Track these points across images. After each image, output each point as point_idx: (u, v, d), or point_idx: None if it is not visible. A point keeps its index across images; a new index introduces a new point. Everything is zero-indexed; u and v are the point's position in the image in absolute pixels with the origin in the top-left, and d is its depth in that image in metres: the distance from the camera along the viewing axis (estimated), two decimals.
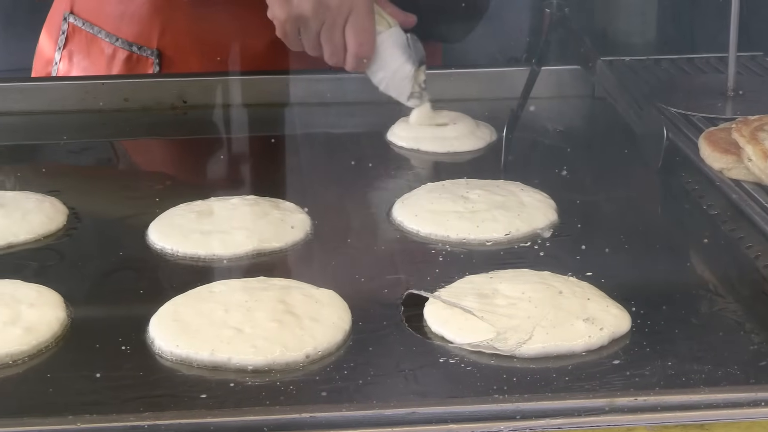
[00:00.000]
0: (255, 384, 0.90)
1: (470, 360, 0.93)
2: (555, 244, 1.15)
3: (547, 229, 1.17)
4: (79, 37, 1.64)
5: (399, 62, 1.43)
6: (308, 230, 1.19)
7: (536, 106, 1.48)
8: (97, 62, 1.63)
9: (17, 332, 0.97)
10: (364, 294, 1.05)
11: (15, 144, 1.43)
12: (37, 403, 0.89)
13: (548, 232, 1.16)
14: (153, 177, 1.39)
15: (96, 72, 1.63)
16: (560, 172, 1.32)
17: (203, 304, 1.02)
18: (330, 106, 1.58)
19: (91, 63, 1.64)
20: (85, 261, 1.15)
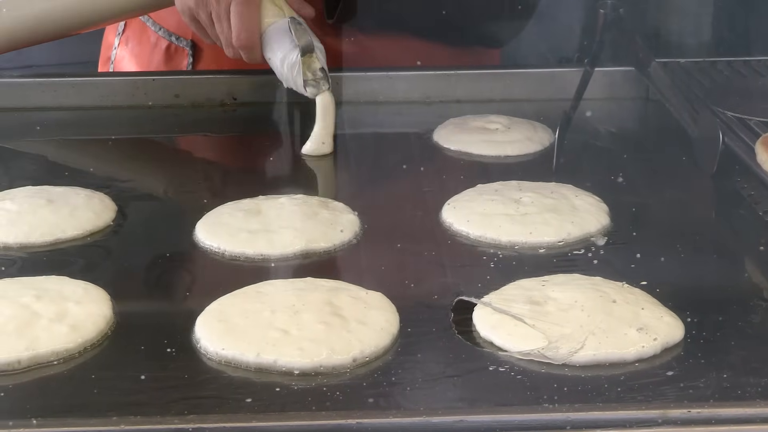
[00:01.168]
0: (301, 388, 0.89)
1: (520, 368, 0.91)
2: (608, 251, 1.13)
3: (599, 235, 1.15)
4: (134, 24, 1.66)
5: (286, 50, 1.39)
6: (357, 231, 1.17)
7: (589, 107, 1.46)
8: (144, 50, 1.64)
9: (63, 330, 0.97)
10: (412, 297, 1.04)
11: (65, 139, 1.43)
12: (82, 403, 0.88)
13: (602, 240, 1.14)
14: (201, 174, 1.38)
15: (143, 59, 1.63)
16: (614, 177, 1.30)
17: (250, 305, 1.01)
18: (379, 105, 1.57)
19: (141, 50, 1.65)
20: (131, 258, 1.15)
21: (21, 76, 1.59)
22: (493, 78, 1.61)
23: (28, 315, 0.98)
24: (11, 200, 1.22)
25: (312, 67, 1.38)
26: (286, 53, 1.38)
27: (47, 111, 1.55)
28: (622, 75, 1.57)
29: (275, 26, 1.39)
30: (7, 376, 0.92)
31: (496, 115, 1.50)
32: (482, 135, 1.43)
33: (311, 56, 1.38)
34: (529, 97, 1.59)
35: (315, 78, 1.38)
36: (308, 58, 1.38)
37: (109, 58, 1.70)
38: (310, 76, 1.38)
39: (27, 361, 0.93)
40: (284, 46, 1.38)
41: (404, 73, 1.60)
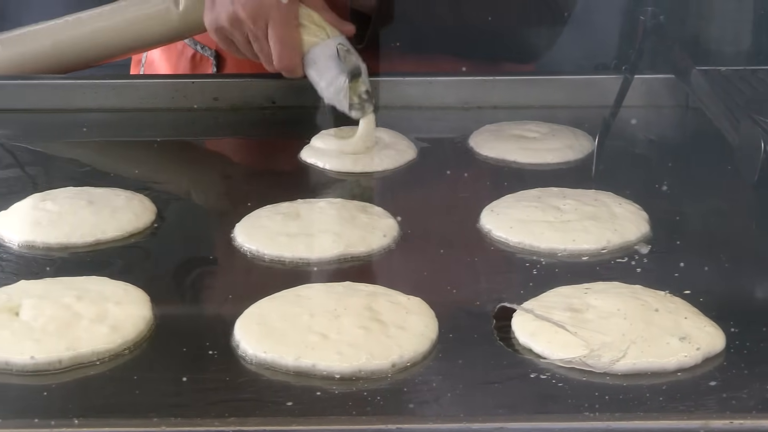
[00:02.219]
0: (342, 392, 0.89)
1: (561, 375, 0.91)
2: (651, 259, 1.12)
3: (641, 243, 1.15)
4: None
5: (332, 74, 1.40)
6: (396, 236, 1.17)
7: (628, 114, 1.46)
8: (171, 57, 1.65)
9: (104, 330, 0.97)
10: (452, 303, 1.04)
11: (106, 140, 1.44)
12: (122, 403, 0.89)
13: (645, 248, 1.14)
14: (240, 177, 1.39)
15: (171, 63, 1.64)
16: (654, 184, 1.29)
17: (289, 308, 1.01)
18: (417, 110, 1.57)
19: (168, 57, 1.66)
20: (170, 260, 1.15)
21: (62, 77, 1.60)
22: (530, 84, 1.61)
23: (69, 315, 0.99)
24: (52, 201, 1.23)
25: (358, 90, 1.40)
26: (333, 78, 1.40)
27: (88, 113, 1.55)
28: (661, 82, 1.57)
29: (321, 49, 1.40)
30: (48, 376, 0.92)
31: (534, 123, 1.49)
32: (520, 142, 1.43)
33: (358, 80, 1.39)
34: (566, 104, 1.58)
35: (360, 101, 1.39)
36: (355, 83, 1.39)
37: (140, 60, 1.71)
38: (356, 100, 1.39)
39: (68, 360, 0.94)
40: (331, 71, 1.40)
41: (442, 78, 1.60)
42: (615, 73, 1.58)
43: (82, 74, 1.61)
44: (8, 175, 1.37)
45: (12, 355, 0.93)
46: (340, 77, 1.39)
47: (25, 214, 1.20)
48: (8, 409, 0.87)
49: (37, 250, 1.15)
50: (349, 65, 1.38)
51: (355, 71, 1.38)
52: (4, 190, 1.30)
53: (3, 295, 1.03)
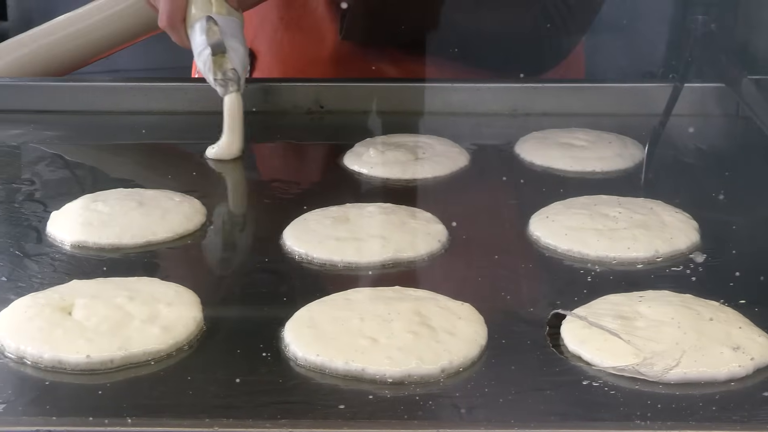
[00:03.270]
0: (393, 396, 0.89)
1: (613, 383, 0.90)
2: (705, 269, 1.11)
3: (695, 251, 1.14)
4: None
5: (200, 45, 1.41)
6: (444, 241, 1.17)
7: (678, 123, 1.45)
8: None
9: (155, 331, 0.98)
10: (501, 309, 1.04)
11: (156, 143, 1.45)
12: (173, 404, 0.89)
13: (701, 257, 1.13)
14: (289, 181, 1.39)
15: None
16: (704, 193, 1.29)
17: (338, 312, 1.01)
18: (465, 116, 1.57)
19: None
20: (220, 262, 1.16)
21: (113, 80, 1.62)
22: (578, 92, 1.61)
23: (121, 315, 0.99)
24: (103, 202, 1.24)
25: (223, 67, 1.40)
26: (201, 49, 1.41)
27: (138, 115, 1.57)
28: (711, 91, 1.56)
29: (198, 21, 1.42)
30: (100, 375, 0.93)
31: (581, 130, 1.49)
32: (568, 150, 1.42)
33: (223, 56, 1.39)
34: (612, 112, 1.58)
35: (225, 78, 1.40)
36: (220, 58, 1.39)
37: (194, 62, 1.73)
38: (219, 75, 1.40)
39: (119, 360, 0.94)
40: (200, 42, 1.41)
41: (490, 84, 1.60)
42: (663, 81, 1.57)
43: (132, 77, 1.62)
44: (59, 177, 1.38)
45: (66, 354, 0.94)
46: (205, 49, 1.40)
47: (77, 215, 1.21)
48: (62, 407, 0.88)
49: (88, 250, 1.16)
50: (211, 39, 1.39)
51: (217, 47, 1.39)
52: (56, 191, 1.32)
53: (55, 295, 1.04)
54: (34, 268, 1.12)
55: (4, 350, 0.96)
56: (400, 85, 1.59)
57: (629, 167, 1.39)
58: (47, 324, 0.98)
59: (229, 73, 1.39)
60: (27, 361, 0.94)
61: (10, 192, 1.32)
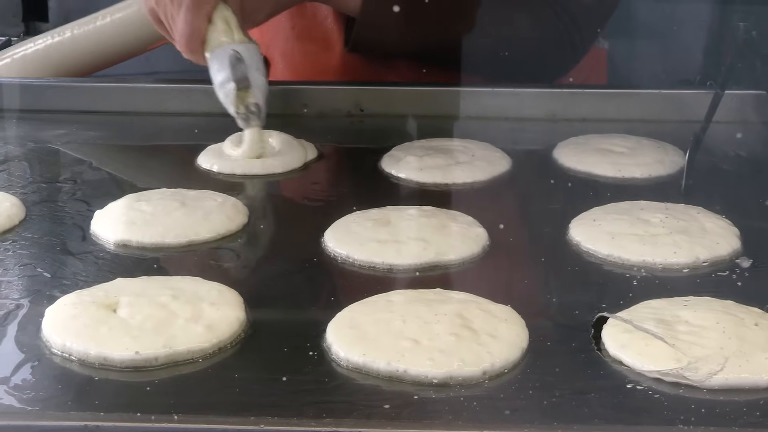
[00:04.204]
0: (437, 397, 0.89)
1: (656, 388, 0.90)
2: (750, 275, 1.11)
3: (741, 257, 1.14)
4: None
5: (224, 77, 1.41)
6: (485, 245, 1.18)
7: (716, 130, 1.44)
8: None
9: (199, 330, 0.98)
10: (543, 312, 1.04)
11: (198, 144, 1.46)
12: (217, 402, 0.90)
13: (747, 262, 1.13)
14: (330, 183, 1.40)
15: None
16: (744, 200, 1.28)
17: (380, 314, 1.01)
18: (503, 120, 1.57)
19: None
20: (262, 263, 1.17)
21: (155, 81, 1.63)
22: (616, 98, 1.61)
23: (165, 314, 1.00)
24: (146, 201, 1.25)
25: (246, 101, 1.40)
26: (224, 81, 1.41)
27: (179, 116, 1.58)
28: (752, 98, 1.56)
29: (223, 50, 1.41)
30: (145, 372, 0.94)
31: (621, 136, 1.49)
32: (607, 156, 1.42)
33: (247, 91, 1.40)
34: (652, 118, 1.58)
35: (247, 112, 1.40)
36: (243, 92, 1.40)
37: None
38: (242, 109, 1.40)
39: (164, 358, 0.95)
40: (223, 74, 1.41)
41: (529, 90, 1.61)
42: (699, 88, 1.57)
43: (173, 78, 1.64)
44: (101, 176, 1.39)
45: (112, 351, 0.95)
46: (229, 83, 1.40)
47: (121, 214, 1.22)
48: (110, 403, 0.89)
49: (131, 249, 1.17)
50: (237, 74, 1.39)
51: (242, 82, 1.39)
52: (99, 191, 1.33)
53: (100, 292, 1.05)
54: (78, 266, 1.13)
55: (50, 347, 0.97)
56: (440, 89, 1.60)
57: (669, 174, 1.39)
58: (93, 321, 0.99)
59: (252, 107, 1.40)
60: (73, 358, 0.96)
61: (53, 191, 1.34)
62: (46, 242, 1.19)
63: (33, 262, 1.14)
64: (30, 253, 1.16)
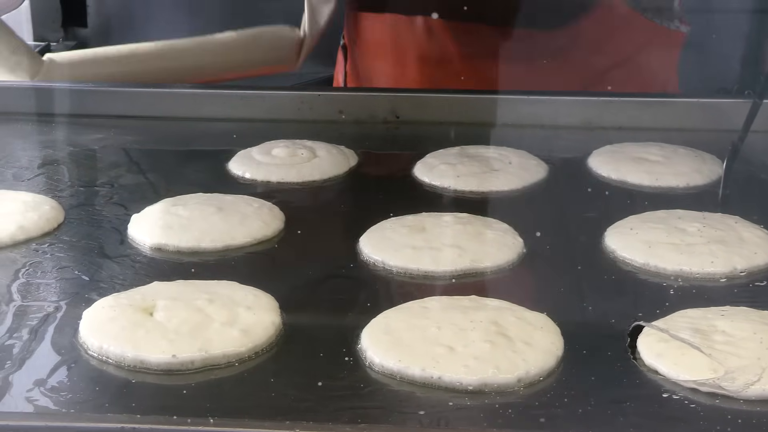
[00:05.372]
0: (472, 404, 0.90)
1: (693, 398, 0.90)
2: None
3: None
4: None
5: None
6: (521, 252, 1.18)
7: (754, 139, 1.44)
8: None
9: (234, 334, 0.99)
10: (578, 320, 1.04)
11: (233, 149, 1.46)
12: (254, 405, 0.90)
13: None
14: (364, 189, 1.40)
15: None
16: None
17: (415, 320, 1.02)
18: (538, 128, 1.57)
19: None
20: (298, 268, 1.17)
21: (193, 86, 1.64)
22: (652, 106, 1.60)
23: (201, 317, 1.01)
24: (183, 206, 1.25)
25: None
26: None
27: (216, 121, 1.59)
28: None
29: None
30: (181, 375, 0.94)
31: (656, 145, 1.48)
32: (641, 164, 1.42)
33: None
34: (688, 127, 1.57)
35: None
36: None
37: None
38: None
39: (200, 362, 0.96)
40: None
41: (566, 98, 1.61)
42: (736, 97, 1.56)
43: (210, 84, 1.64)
44: (138, 181, 1.40)
45: (149, 354, 0.96)
46: None
47: (157, 218, 1.23)
48: (147, 406, 0.90)
49: (168, 253, 1.18)
50: None
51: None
52: (135, 194, 1.34)
53: (137, 295, 1.05)
54: (115, 270, 1.14)
55: (87, 349, 0.98)
56: (475, 96, 1.60)
57: (707, 183, 1.38)
58: (129, 324, 1.00)
59: None
60: (110, 360, 0.96)
61: (90, 195, 1.34)
62: (84, 245, 1.20)
63: (71, 265, 1.15)
64: (68, 256, 1.17)
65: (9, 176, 1.39)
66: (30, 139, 1.53)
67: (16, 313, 1.04)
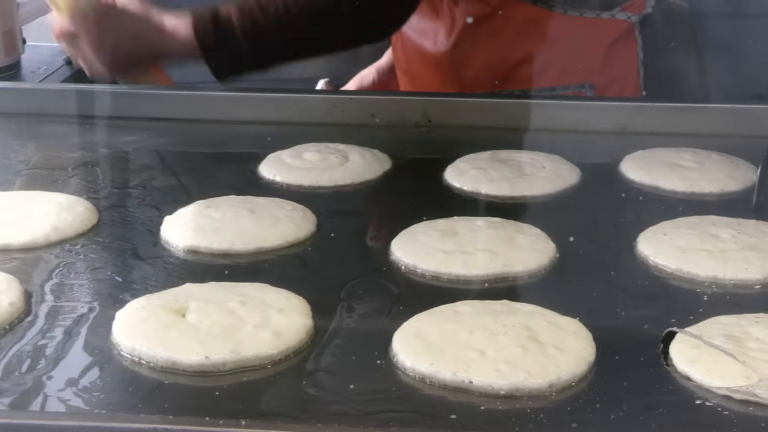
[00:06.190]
0: (504, 409, 0.89)
1: (726, 405, 0.89)
2: None
3: None
4: None
5: None
6: (553, 257, 1.17)
7: None
8: None
9: (267, 336, 0.99)
10: (609, 326, 1.03)
11: (265, 152, 1.47)
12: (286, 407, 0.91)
13: None
14: (396, 193, 1.40)
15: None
16: None
17: (447, 324, 1.01)
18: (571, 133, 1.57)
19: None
20: (329, 271, 1.17)
21: (225, 89, 1.65)
22: (688, 112, 1.59)
23: (233, 319, 1.01)
24: (215, 208, 1.26)
25: None
26: None
27: (248, 124, 1.60)
28: None
29: None
30: (213, 377, 0.95)
31: (689, 151, 1.48)
32: (674, 170, 1.41)
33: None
34: (722, 133, 1.56)
35: None
36: None
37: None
38: None
39: (232, 364, 0.96)
40: None
41: (599, 103, 1.60)
42: None
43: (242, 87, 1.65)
44: (171, 183, 1.41)
45: (181, 355, 0.96)
46: None
47: (190, 221, 1.24)
48: (179, 407, 0.90)
49: (200, 255, 1.18)
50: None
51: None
52: (168, 196, 1.35)
53: (170, 297, 1.06)
54: (148, 271, 1.15)
55: (120, 349, 0.99)
56: (507, 101, 1.60)
57: (740, 189, 1.37)
58: (162, 325, 1.00)
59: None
60: (142, 361, 0.97)
61: (123, 196, 1.35)
62: (117, 247, 1.21)
63: (104, 265, 1.16)
64: (101, 257, 1.18)
65: (44, 177, 1.40)
66: (65, 140, 1.54)
67: (50, 313, 1.05)
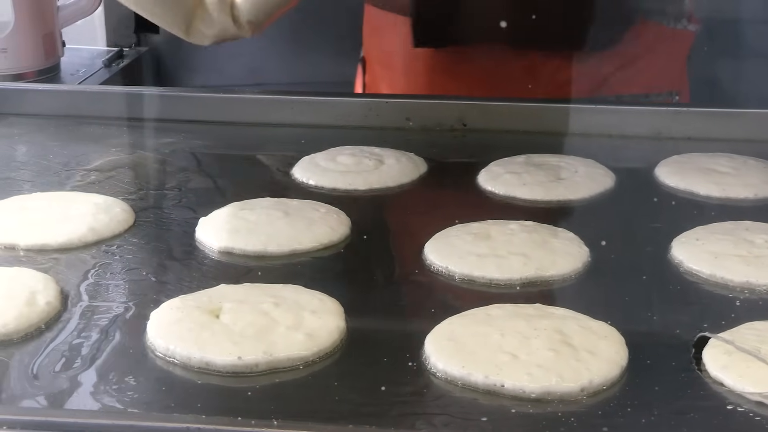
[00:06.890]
0: (535, 412, 0.90)
1: (759, 411, 0.89)
2: None
3: None
4: None
5: None
6: (586, 262, 1.17)
7: None
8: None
9: (299, 337, 1.00)
10: (641, 330, 1.03)
11: (300, 155, 1.47)
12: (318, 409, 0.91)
13: None
14: (430, 197, 1.40)
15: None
16: None
17: (479, 327, 1.02)
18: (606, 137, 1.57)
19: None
20: (363, 273, 1.17)
21: (261, 92, 1.66)
22: (724, 117, 1.58)
23: (267, 321, 1.02)
24: (250, 210, 1.27)
25: None
26: None
27: (284, 127, 1.60)
28: None
29: None
30: (246, 378, 0.95)
31: (725, 156, 1.47)
32: (709, 175, 1.41)
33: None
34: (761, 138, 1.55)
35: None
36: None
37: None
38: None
39: (265, 365, 0.97)
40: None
41: (634, 107, 1.60)
42: None
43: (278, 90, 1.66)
44: (206, 185, 1.42)
45: (215, 356, 0.97)
46: None
47: (225, 222, 1.24)
48: (212, 407, 0.91)
49: (234, 256, 1.19)
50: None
51: None
52: (203, 198, 1.35)
53: (204, 297, 1.07)
54: (183, 272, 1.16)
55: (154, 349, 1.00)
56: (542, 105, 1.60)
57: None
58: (196, 326, 1.01)
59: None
60: (176, 361, 0.98)
61: (159, 198, 1.36)
62: (152, 247, 1.22)
63: (140, 266, 1.17)
64: (137, 257, 1.19)
65: (81, 178, 1.42)
66: (101, 142, 1.56)
67: (85, 312, 1.06)
